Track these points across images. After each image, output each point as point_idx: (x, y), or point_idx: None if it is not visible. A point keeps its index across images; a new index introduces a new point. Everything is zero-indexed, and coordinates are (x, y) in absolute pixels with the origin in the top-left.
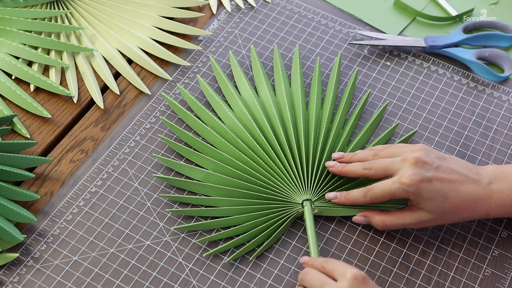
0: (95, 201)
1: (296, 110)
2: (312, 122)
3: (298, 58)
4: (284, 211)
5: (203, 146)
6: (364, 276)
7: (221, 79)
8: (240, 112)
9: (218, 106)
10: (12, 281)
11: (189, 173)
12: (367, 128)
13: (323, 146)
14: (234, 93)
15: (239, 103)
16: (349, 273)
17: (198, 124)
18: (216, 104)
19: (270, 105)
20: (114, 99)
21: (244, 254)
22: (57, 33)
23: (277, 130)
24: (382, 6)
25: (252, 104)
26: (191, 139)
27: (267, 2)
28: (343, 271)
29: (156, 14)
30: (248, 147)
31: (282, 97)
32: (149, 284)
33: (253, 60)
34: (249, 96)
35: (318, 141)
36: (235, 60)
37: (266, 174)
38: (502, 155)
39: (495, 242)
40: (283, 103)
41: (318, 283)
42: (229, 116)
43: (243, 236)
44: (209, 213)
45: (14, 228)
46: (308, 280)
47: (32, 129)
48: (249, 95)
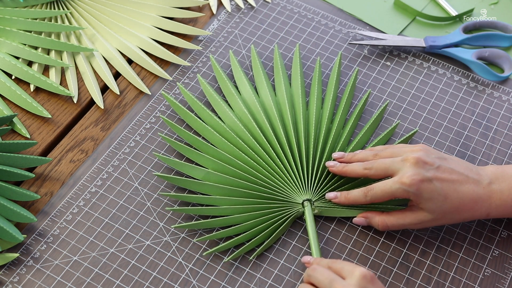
0: (95, 201)
1: (296, 110)
2: (312, 122)
3: (298, 58)
4: (284, 211)
5: (204, 146)
6: (372, 275)
7: (221, 79)
8: (240, 112)
9: (218, 106)
10: (12, 281)
11: (190, 172)
12: (367, 128)
13: (323, 146)
14: (234, 93)
15: (239, 103)
16: (358, 271)
17: (198, 123)
18: (216, 104)
19: (270, 105)
20: (114, 99)
21: (244, 253)
22: (57, 33)
23: (277, 130)
24: (382, 6)
25: (252, 104)
26: (192, 138)
27: (267, 2)
28: (351, 269)
29: (156, 14)
30: (248, 146)
31: (283, 97)
32: (149, 284)
33: (253, 60)
34: (249, 96)
35: (319, 141)
36: (235, 60)
37: (266, 173)
38: (502, 155)
39: (495, 242)
40: (283, 103)
41: (326, 279)
42: (229, 115)
43: (243, 235)
44: (209, 212)
45: (14, 228)
46: (316, 276)
47: (32, 129)
48: (249, 94)
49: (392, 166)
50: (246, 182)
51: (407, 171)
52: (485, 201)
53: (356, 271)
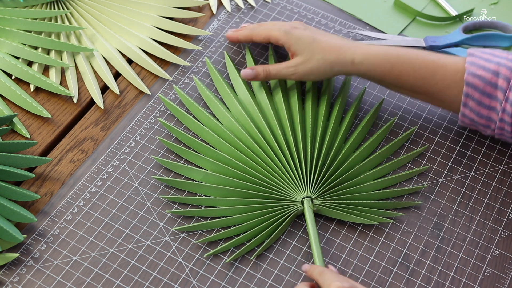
0: (95, 201)
1: (292, 108)
2: (309, 120)
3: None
4: (284, 209)
5: (202, 147)
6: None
7: (217, 80)
8: (237, 113)
9: (215, 107)
10: (12, 281)
11: (188, 174)
12: (363, 125)
13: (320, 143)
14: (231, 94)
15: (236, 104)
16: (333, 286)
17: (196, 125)
18: (213, 105)
19: (267, 105)
20: (114, 99)
21: (245, 254)
22: (57, 33)
23: (274, 129)
24: (382, 6)
25: (249, 104)
26: (190, 140)
27: (267, 2)
28: (328, 284)
29: (156, 14)
30: (246, 146)
31: (279, 96)
32: (149, 284)
33: (248, 61)
34: (246, 97)
35: (316, 139)
36: (230, 61)
37: (265, 173)
38: (502, 155)
39: (495, 242)
40: (279, 102)
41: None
42: (226, 116)
43: (243, 235)
44: (209, 213)
45: (14, 228)
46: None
47: (32, 129)
48: (245, 95)
49: (272, 31)
50: (245, 182)
51: (282, 26)
52: (350, 47)
53: (331, 286)
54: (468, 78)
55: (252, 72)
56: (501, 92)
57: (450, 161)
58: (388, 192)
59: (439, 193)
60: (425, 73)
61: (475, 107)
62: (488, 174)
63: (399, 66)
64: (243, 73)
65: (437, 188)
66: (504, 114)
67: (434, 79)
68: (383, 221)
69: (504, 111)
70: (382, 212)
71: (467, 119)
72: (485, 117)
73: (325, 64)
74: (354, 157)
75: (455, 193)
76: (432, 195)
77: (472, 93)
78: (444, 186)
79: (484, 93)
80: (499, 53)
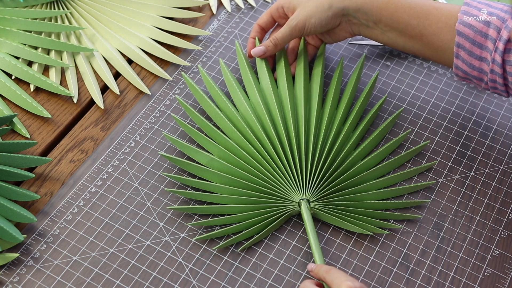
0: (95, 201)
1: (311, 107)
2: (325, 122)
3: (322, 56)
4: (279, 208)
5: (213, 131)
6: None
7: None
8: (256, 102)
9: (235, 93)
10: (12, 281)
11: (194, 156)
12: (377, 133)
13: (330, 148)
14: (253, 81)
15: (256, 92)
16: (344, 286)
17: (212, 108)
18: (233, 91)
19: (287, 99)
20: (114, 99)
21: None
22: (57, 33)
23: (288, 125)
24: None
25: (269, 95)
26: (202, 122)
27: (267, 2)
28: (338, 284)
29: (156, 14)
30: (256, 138)
31: (300, 93)
32: (149, 284)
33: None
34: (267, 86)
35: (327, 143)
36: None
37: (269, 168)
38: (502, 155)
39: (495, 242)
40: (299, 99)
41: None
42: (243, 104)
43: (235, 226)
44: (208, 198)
45: (14, 228)
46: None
47: (32, 129)
48: (267, 85)
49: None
50: (247, 174)
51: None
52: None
53: (342, 286)
54: (459, 27)
55: (261, 48)
56: (491, 42)
57: (450, 161)
58: (390, 203)
59: (439, 193)
60: (420, 12)
61: (466, 57)
62: (488, 174)
63: (396, 1)
64: (253, 52)
65: (437, 188)
66: (494, 64)
67: (428, 20)
68: (378, 231)
69: (494, 61)
70: (378, 222)
71: (460, 71)
72: (477, 69)
73: (323, 2)
74: (360, 165)
75: (455, 193)
76: (432, 195)
77: (463, 42)
78: (444, 186)
79: (475, 42)
80: (495, 4)
